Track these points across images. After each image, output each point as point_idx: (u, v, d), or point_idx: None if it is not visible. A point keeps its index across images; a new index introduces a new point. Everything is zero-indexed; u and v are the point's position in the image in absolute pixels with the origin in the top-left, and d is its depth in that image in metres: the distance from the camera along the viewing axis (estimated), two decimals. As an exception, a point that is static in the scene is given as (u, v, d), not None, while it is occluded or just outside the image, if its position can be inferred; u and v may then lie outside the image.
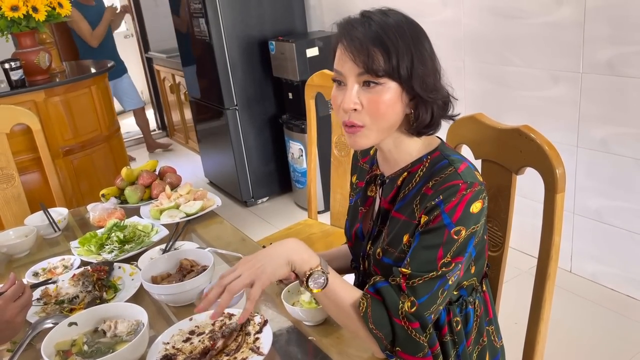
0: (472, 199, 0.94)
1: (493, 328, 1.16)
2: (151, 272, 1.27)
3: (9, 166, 2.19)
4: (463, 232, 0.94)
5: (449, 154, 1.02)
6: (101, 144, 2.69)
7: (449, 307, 1.06)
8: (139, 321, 1.08)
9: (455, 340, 1.08)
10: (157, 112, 5.89)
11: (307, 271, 0.94)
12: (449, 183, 0.95)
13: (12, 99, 2.30)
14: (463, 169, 0.97)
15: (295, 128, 3.42)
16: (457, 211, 0.93)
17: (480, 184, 0.96)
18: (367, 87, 0.95)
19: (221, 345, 1.03)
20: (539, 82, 2.40)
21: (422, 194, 0.98)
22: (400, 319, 0.92)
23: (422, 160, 1.03)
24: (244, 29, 3.42)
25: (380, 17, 0.96)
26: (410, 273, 0.94)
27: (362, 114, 0.96)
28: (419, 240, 0.96)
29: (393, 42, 0.93)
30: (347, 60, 0.95)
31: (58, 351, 1.03)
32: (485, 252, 1.11)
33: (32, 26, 2.34)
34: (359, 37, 0.93)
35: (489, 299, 1.15)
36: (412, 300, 0.93)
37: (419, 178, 1.01)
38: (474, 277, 1.08)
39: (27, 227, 1.63)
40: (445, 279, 0.95)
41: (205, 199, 1.70)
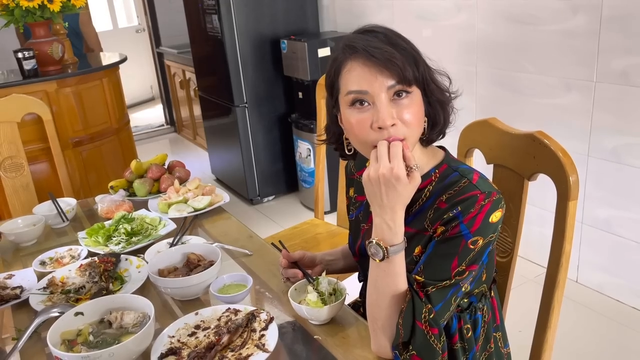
0: (491, 209, 0.93)
1: (500, 334, 1.16)
2: (158, 265, 1.27)
3: (19, 155, 2.19)
4: (480, 241, 0.93)
5: (457, 165, 1.01)
6: (111, 136, 2.70)
7: (460, 315, 1.05)
8: (145, 313, 1.08)
9: (465, 347, 1.07)
10: (165, 108, 5.90)
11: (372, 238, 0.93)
12: (466, 195, 0.94)
13: (24, 89, 2.31)
14: (477, 180, 0.96)
15: (304, 127, 3.42)
16: (476, 222, 0.92)
17: (497, 192, 0.95)
18: (397, 98, 0.92)
19: (226, 340, 1.03)
20: (552, 89, 2.39)
21: (435, 208, 0.96)
22: (422, 322, 0.91)
23: (430, 175, 1.01)
24: (256, 27, 3.43)
25: (381, 29, 0.96)
26: (423, 281, 0.93)
27: (399, 128, 0.92)
28: (433, 249, 0.95)
29: (409, 48, 0.93)
30: (375, 75, 0.91)
31: (64, 340, 1.03)
32: (494, 258, 1.10)
33: (47, 16, 2.34)
34: (379, 47, 0.91)
35: (496, 305, 1.14)
36: (429, 308, 0.92)
37: (429, 193, 0.99)
38: (484, 284, 1.08)
39: (35, 216, 1.63)
40: (458, 287, 0.94)
41: (214, 194, 1.70)
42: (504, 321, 1.20)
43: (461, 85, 1.06)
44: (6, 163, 2.17)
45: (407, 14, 3.01)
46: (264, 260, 1.39)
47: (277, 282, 1.28)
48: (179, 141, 5.60)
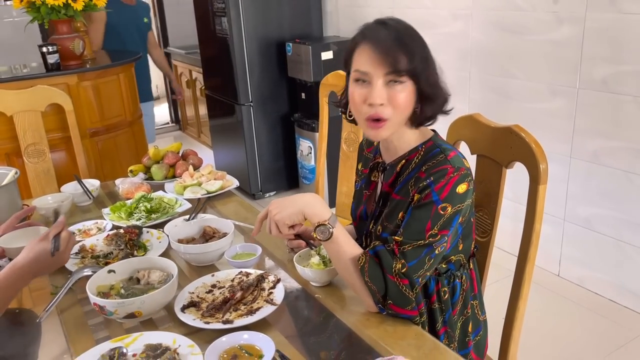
0: (458, 181, 1.10)
1: (477, 303, 1.32)
2: (178, 236, 1.43)
3: (42, 142, 2.36)
4: (449, 208, 1.10)
5: (441, 143, 1.19)
6: (124, 128, 2.86)
7: (438, 278, 1.21)
8: (169, 273, 1.24)
9: (442, 307, 1.23)
10: (171, 106, 6.07)
11: (317, 223, 1.12)
12: (440, 167, 1.12)
13: (47, 81, 2.47)
14: (452, 156, 1.14)
15: (306, 127, 3.59)
16: (444, 190, 1.10)
17: (466, 169, 1.13)
18: (392, 84, 1.11)
19: (240, 296, 1.19)
20: (539, 95, 2.57)
21: (416, 177, 1.14)
22: (393, 275, 1.08)
23: (418, 149, 1.19)
24: (263, 30, 3.60)
25: (395, 24, 1.14)
26: (401, 240, 1.10)
27: (386, 108, 1.11)
28: (411, 214, 1.13)
29: (410, 45, 1.10)
30: (375, 60, 1.10)
31: (99, 292, 1.19)
32: (473, 234, 1.27)
33: (70, 14, 2.51)
34: (385, 39, 1.10)
35: (475, 276, 1.30)
36: (402, 263, 1.09)
37: (414, 164, 1.18)
38: (462, 254, 1.24)
39: (63, 194, 1.79)
40: (431, 248, 1.10)
41: (225, 179, 1.86)
42: (482, 292, 1.37)
43: (455, 90, 1.22)
44: (30, 149, 2.33)
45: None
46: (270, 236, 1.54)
47: (282, 254, 1.44)
48: (184, 139, 5.76)
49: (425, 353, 1.03)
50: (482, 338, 1.34)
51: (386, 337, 1.07)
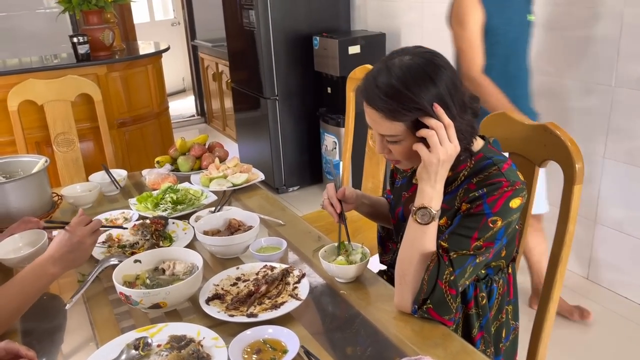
0: (512, 195, 1.07)
1: (511, 308, 1.28)
2: (204, 228, 1.43)
3: (71, 132, 2.39)
4: (499, 222, 1.07)
5: (493, 155, 1.14)
6: (151, 119, 2.89)
7: (477, 284, 1.18)
8: (193, 264, 1.24)
9: (480, 313, 1.20)
10: (197, 99, 6.11)
11: (422, 203, 1.07)
12: (493, 180, 1.08)
13: (77, 71, 2.50)
14: (506, 169, 1.10)
15: (331, 121, 3.56)
16: (497, 204, 1.06)
17: (522, 183, 1.09)
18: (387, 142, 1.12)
19: (264, 290, 1.18)
20: (572, 92, 2.50)
21: (465, 189, 1.11)
22: (443, 282, 1.05)
23: (466, 161, 1.15)
24: (291, 23, 3.59)
25: (385, 79, 1.05)
26: (447, 247, 1.08)
27: (393, 155, 1.14)
28: (459, 222, 1.09)
29: (404, 107, 1.04)
30: (370, 122, 1.11)
31: (125, 282, 1.19)
32: (517, 239, 1.23)
33: (100, 5, 2.53)
34: (372, 106, 1.07)
35: (512, 281, 1.27)
36: (450, 271, 1.06)
37: (463, 177, 1.14)
38: (503, 260, 1.21)
39: (91, 183, 1.81)
40: (474, 257, 1.08)
41: (250, 172, 1.86)
42: (518, 298, 1.32)
43: None
44: (59, 138, 2.37)
45: (436, 16, 3.13)
46: (295, 230, 1.54)
47: (308, 248, 1.43)
48: (209, 131, 5.79)
49: (452, 354, 1.01)
50: (512, 344, 1.31)
51: (413, 337, 1.05)
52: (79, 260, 1.23)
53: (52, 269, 1.16)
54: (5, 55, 3.27)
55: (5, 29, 4.20)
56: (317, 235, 1.50)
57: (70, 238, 1.20)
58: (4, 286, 1.11)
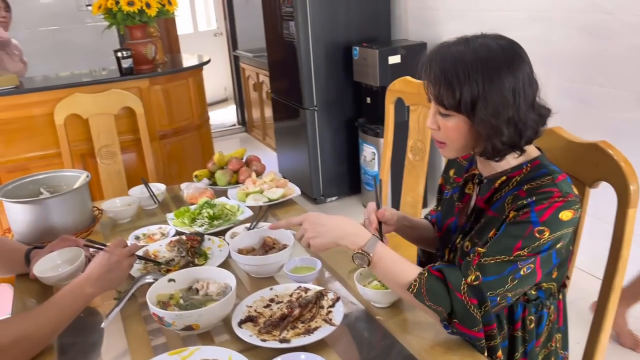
0: (563, 207, 1.00)
1: (561, 336, 1.21)
2: (238, 245, 1.42)
3: (114, 144, 2.44)
4: (546, 233, 1.00)
5: (549, 164, 1.09)
6: (192, 131, 2.92)
7: (526, 305, 1.12)
8: (227, 284, 1.22)
9: (526, 337, 1.13)
10: (238, 108, 6.18)
11: (355, 250, 1.10)
12: (545, 189, 1.02)
13: (121, 84, 2.56)
14: (561, 180, 1.04)
15: (370, 132, 3.52)
16: (546, 213, 1.00)
17: (575, 196, 1.03)
18: (441, 114, 1.07)
19: (298, 313, 1.15)
20: (625, 103, 2.37)
21: (515, 195, 1.05)
22: (461, 293, 1.00)
23: (522, 167, 1.10)
24: (330, 33, 3.57)
25: (460, 51, 1.03)
26: (484, 252, 1.02)
27: (440, 133, 1.10)
28: (504, 230, 1.03)
29: (460, 81, 1.00)
30: (427, 89, 1.07)
31: (159, 301, 1.19)
32: (568, 262, 1.16)
33: (144, 20, 2.59)
34: (434, 72, 1.04)
35: (562, 307, 1.20)
36: (477, 275, 1.01)
37: (515, 182, 1.08)
38: (554, 282, 1.14)
39: (130, 197, 1.83)
40: (516, 267, 1.00)
41: (287, 187, 1.84)
42: (568, 326, 1.25)
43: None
44: (102, 151, 2.42)
45: (479, 25, 3.03)
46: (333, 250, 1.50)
47: (342, 268, 1.39)
48: (249, 141, 5.84)
49: (494, 390, 0.95)
50: None
51: (452, 368, 1.00)
52: (117, 281, 1.24)
53: (90, 289, 1.18)
54: (56, 68, 3.38)
55: (57, 42, 4.36)
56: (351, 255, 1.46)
57: (109, 258, 1.22)
58: (43, 306, 1.13)
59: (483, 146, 1.06)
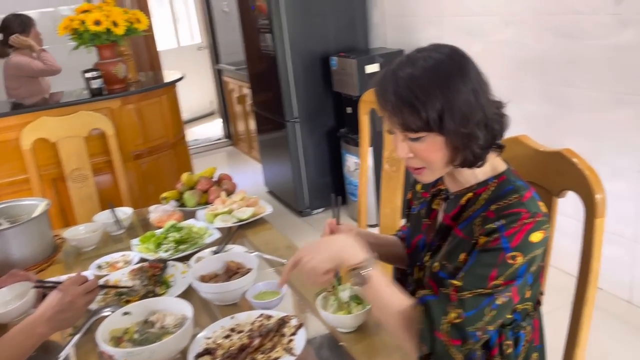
0: (533, 229, 0.96)
1: (537, 356, 1.16)
2: (200, 272, 1.36)
3: (85, 167, 2.39)
4: (519, 258, 0.96)
5: (515, 180, 1.04)
6: (168, 150, 2.87)
7: (502, 330, 1.07)
8: (185, 315, 1.17)
9: None
10: (224, 122, 6.13)
11: (352, 266, 1.01)
12: (512, 210, 0.98)
13: (91, 106, 2.51)
14: (528, 198, 0.99)
15: (352, 142, 3.48)
16: (516, 238, 0.96)
17: (543, 215, 0.99)
18: (411, 139, 1.01)
19: (257, 343, 1.10)
20: (602, 104, 2.34)
21: (484, 216, 1.01)
22: (442, 332, 0.95)
23: (488, 183, 1.05)
24: (308, 44, 3.54)
25: (408, 73, 0.98)
26: (461, 286, 0.97)
27: (415, 159, 1.04)
28: (475, 258, 0.99)
29: (421, 100, 0.96)
30: (387, 118, 1.01)
31: (112, 337, 1.13)
32: (540, 278, 1.11)
33: (112, 39, 2.54)
34: (390, 102, 0.99)
35: (538, 326, 1.15)
36: (458, 313, 0.95)
37: (483, 201, 1.04)
38: (529, 302, 1.10)
39: (95, 224, 1.78)
40: (493, 298, 0.96)
41: (257, 206, 1.79)
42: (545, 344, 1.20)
43: (509, 101, 1.08)
44: (74, 174, 2.37)
45: (456, 30, 3.03)
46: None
47: (310, 291, 1.34)
48: (236, 154, 5.80)
49: (459, 420, 0.90)
50: None
51: (417, 398, 0.95)
52: (70, 320, 1.20)
53: (41, 329, 1.13)
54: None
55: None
56: (321, 276, 1.41)
57: (62, 298, 1.17)
58: None
59: (462, 156, 1.02)
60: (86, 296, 1.22)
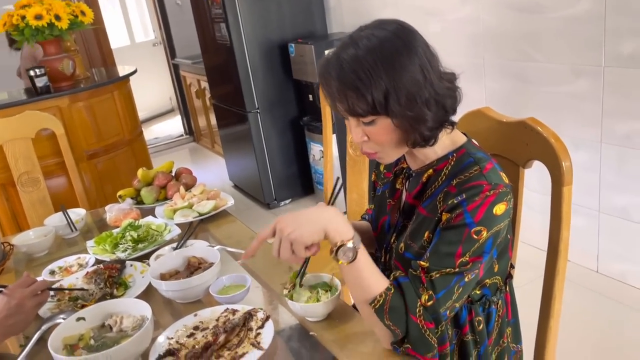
0: (495, 200, 0.93)
1: (511, 330, 1.14)
2: (160, 270, 1.29)
3: (35, 170, 2.26)
4: (484, 232, 0.93)
5: (475, 152, 1.01)
6: (124, 147, 2.76)
7: (471, 307, 1.05)
8: (144, 316, 1.10)
9: (477, 340, 1.06)
10: (184, 118, 5.99)
11: (339, 242, 0.92)
12: (473, 183, 0.94)
13: (38, 105, 2.38)
14: (488, 169, 0.96)
15: (316, 130, 3.43)
16: (479, 212, 0.92)
17: (505, 185, 0.95)
18: (364, 123, 0.97)
19: (223, 340, 1.04)
20: (561, 77, 2.35)
21: (445, 192, 0.97)
22: (417, 316, 0.91)
23: (448, 157, 1.02)
24: (264, 32, 3.46)
25: (352, 54, 0.92)
26: (428, 266, 0.94)
27: (370, 143, 1.00)
28: (439, 237, 0.96)
29: (365, 83, 0.90)
30: (334, 104, 0.96)
31: (66, 345, 1.05)
32: (509, 251, 1.09)
33: (56, 34, 2.41)
34: (335, 87, 0.93)
35: (510, 300, 1.13)
36: (430, 294, 0.92)
37: (444, 176, 1.00)
38: (498, 276, 1.07)
39: (46, 228, 1.68)
40: (462, 276, 0.94)
41: (219, 198, 1.72)
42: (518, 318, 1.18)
43: (470, 79, 1.04)
44: (23, 178, 2.24)
45: (413, 10, 2.99)
46: (265, 261, 1.40)
47: (278, 282, 1.28)
48: (198, 150, 5.67)
49: (437, 403, 0.86)
50: None
51: (391, 384, 0.91)
52: (19, 326, 1.11)
53: None
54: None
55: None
56: (288, 265, 1.36)
57: (8, 302, 1.09)
58: None
59: (413, 137, 0.97)
60: (35, 298, 1.14)
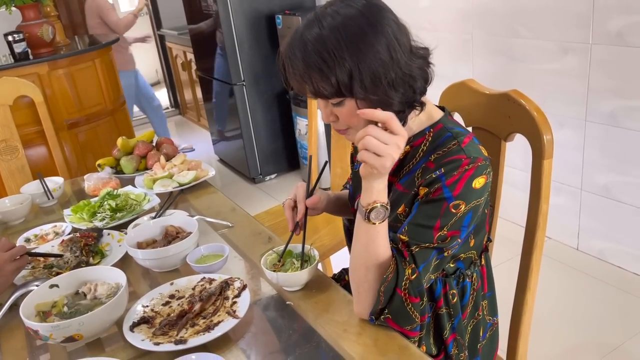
0: (474, 174, 0.92)
1: (487, 303, 1.14)
2: (137, 239, 1.27)
3: (13, 138, 2.21)
4: (462, 206, 0.92)
5: (452, 126, 0.99)
6: (106, 117, 2.71)
7: (445, 280, 1.04)
8: (118, 284, 1.09)
9: (451, 312, 1.06)
10: (169, 90, 5.90)
11: (374, 201, 0.90)
12: (452, 157, 0.93)
13: (16, 71, 2.31)
14: (467, 143, 0.94)
15: (302, 104, 3.39)
16: (457, 186, 0.91)
17: (484, 159, 0.94)
18: (332, 104, 0.94)
19: (198, 308, 1.03)
20: (548, 54, 2.33)
21: (424, 167, 0.96)
22: (402, 289, 0.91)
23: (425, 133, 1.00)
24: (251, 3, 3.39)
25: (316, 34, 0.88)
26: (407, 240, 0.93)
27: (340, 122, 0.98)
28: (417, 210, 0.94)
29: (329, 65, 0.87)
30: (300, 87, 0.93)
31: (38, 312, 1.04)
32: (486, 225, 1.08)
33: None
34: (299, 69, 0.90)
35: (486, 273, 1.13)
36: (412, 268, 0.91)
37: (422, 153, 0.99)
38: (473, 251, 1.06)
39: (22, 195, 1.65)
40: (440, 250, 0.93)
41: (199, 169, 1.70)
42: (495, 291, 1.18)
43: (458, 54, 1.01)
44: (0, 146, 2.19)
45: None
46: (244, 232, 1.39)
47: (257, 253, 1.27)
48: (184, 124, 5.61)
49: (410, 371, 0.86)
50: (490, 341, 1.17)
51: (366, 353, 0.90)
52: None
53: None
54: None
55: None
56: (268, 236, 1.35)
57: None
58: None
59: None
60: (14, 263, 1.13)
